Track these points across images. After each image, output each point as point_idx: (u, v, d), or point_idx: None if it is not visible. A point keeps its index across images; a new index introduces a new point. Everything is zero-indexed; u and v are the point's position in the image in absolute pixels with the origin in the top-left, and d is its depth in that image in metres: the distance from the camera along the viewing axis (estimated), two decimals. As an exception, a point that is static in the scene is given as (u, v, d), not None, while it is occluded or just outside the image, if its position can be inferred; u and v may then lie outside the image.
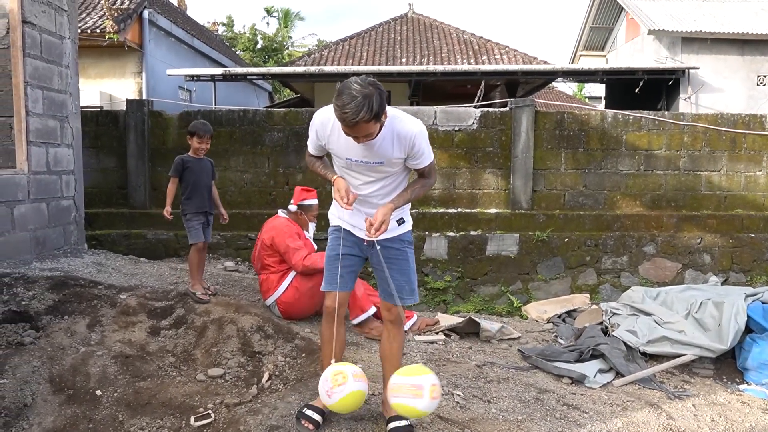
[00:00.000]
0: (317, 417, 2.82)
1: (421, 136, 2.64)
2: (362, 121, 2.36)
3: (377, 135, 2.55)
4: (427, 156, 2.72)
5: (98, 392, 3.29)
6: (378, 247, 2.70)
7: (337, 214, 2.92)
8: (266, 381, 3.49)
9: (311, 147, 2.86)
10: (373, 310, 4.40)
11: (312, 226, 4.72)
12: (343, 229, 2.88)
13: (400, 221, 2.84)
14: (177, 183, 4.51)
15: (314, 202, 4.63)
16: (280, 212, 4.66)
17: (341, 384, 2.56)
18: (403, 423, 2.80)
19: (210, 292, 4.52)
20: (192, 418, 3.06)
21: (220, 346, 3.83)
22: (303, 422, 2.80)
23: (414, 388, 2.53)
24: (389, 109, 2.61)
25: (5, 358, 3.39)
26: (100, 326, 3.93)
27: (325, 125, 2.68)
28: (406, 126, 2.61)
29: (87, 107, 8.99)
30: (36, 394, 3.19)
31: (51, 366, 3.43)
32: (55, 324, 3.86)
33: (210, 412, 3.11)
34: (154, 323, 4.06)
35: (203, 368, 3.63)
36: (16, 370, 3.32)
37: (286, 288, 4.33)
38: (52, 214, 5.56)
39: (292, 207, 4.59)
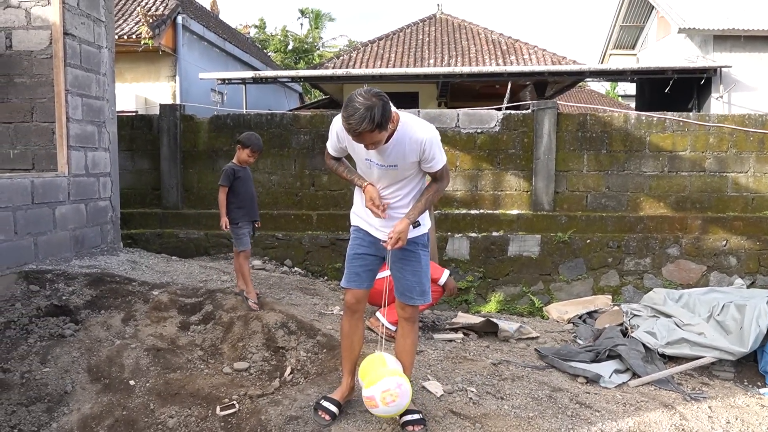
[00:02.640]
0: (334, 408, 2.97)
1: (432, 142, 2.76)
2: (366, 131, 2.50)
3: (388, 141, 2.69)
4: (438, 160, 2.83)
5: (132, 382, 3.50)
6: (389, 251, 2.84)
7: (357, 215, 3.07)
8: (288, 375, 3.65)
9: (331, 148, 2.99)
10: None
11: None
12: (363, 229, 3.02)
13: (416, 224, 2.94)
14: (227, 192, 4.51)
15: None
16: None
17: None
18: (416, 417, 2.92)
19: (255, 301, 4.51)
20: (218, 408, 3.23)
21: (245, 341, 4.00)
22: (320, 413, 2.95)
23: (368, 400, 2.77)
24: (403, 115, 2.75)
25: (48, 349, 3.63)
26: (134, 321, 4.16)
27: (344, 129, 2.81)
28: (418, 132, 2.74)
29: (123, 112, 9.36)
30: (75, 382, 3.42)
31: (89, 357, 3.65)
32: (92, 318, 4.10)
33: (235, 402, 3.28)
34: (184, 318, 4.27)
35: (229, 362, 3.80)
36: (58, 360, 3.56)
37: None
38: (90, 214, 5.85)
39: None
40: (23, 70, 5.54)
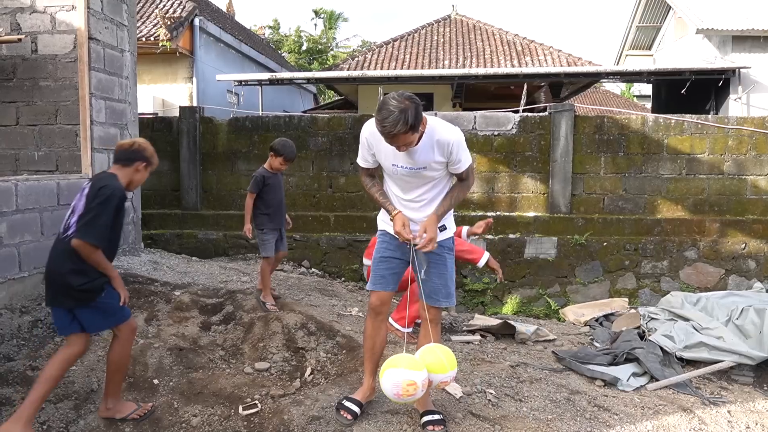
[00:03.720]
0: (355, 408, 3.01)
1: (458, 144, 2.84)
2: (400, 133, 2.59)
3: (418, 143, 2.75)
4: (464, 161, 2.90)
5: (155, 381, 3.57)
6: (415, 250, 2.88)
7: (384, 220, 3.13)
8: (309, 375, 3.71)
9: (361, 159, 3.05)
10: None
11: None
12: (389, 233, 3.08)
13: (442, 228, 3.01)
14: (254, 198, 4.51)
15: None
16: None
17: (411, 395, 2.69)
18: (436, 417, 2.96)
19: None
20: (240, 407, 3.29)
21: (266, 341, 4.06)
22: (342, 413, 3.00)
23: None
24: (429, 118, 2.83)
25: (74, 348, 3.72)
26: (157, 321, 4.24)
27: (374, 134, 2.88)
28: (445, 134, 2.82)
29: (142, 114, 9.49)
30: (101, 380, 3.49)
31: (114, 356, 3.73)
32: (117, 318, 4.18)
33: (257, 402, 3.34)
34: (205, 319, 4.34)
35: (250, 362, 3.87)
36: (84, 358, 3.64)
37: None
38: (113, 215, 5.94)
39: None
40: (48, 73, 5.65)
